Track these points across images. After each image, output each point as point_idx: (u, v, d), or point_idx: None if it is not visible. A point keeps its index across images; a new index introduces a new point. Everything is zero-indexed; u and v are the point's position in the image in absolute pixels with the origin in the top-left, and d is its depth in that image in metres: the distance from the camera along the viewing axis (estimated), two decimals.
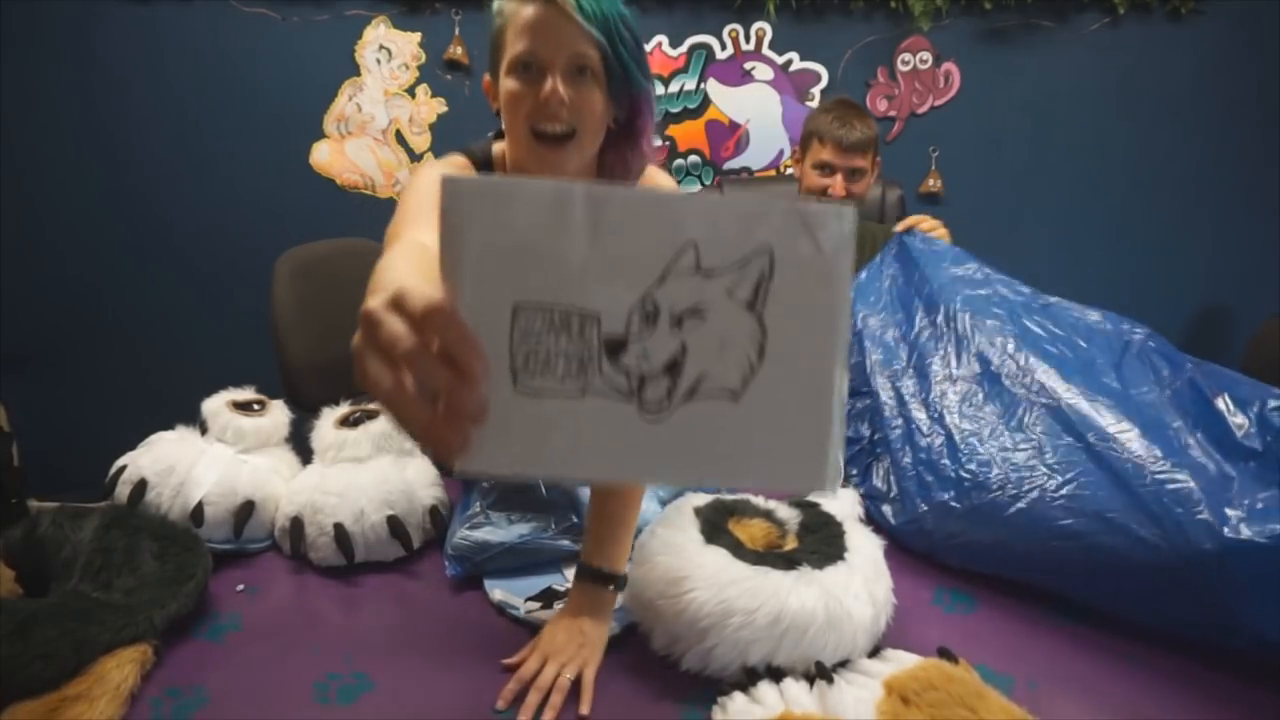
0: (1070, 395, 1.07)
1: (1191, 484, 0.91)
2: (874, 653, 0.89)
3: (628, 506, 0.99)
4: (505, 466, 0.47)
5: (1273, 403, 0.97)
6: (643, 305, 0.46)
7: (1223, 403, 1.01)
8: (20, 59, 2.39)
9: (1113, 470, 0.98)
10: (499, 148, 1.03)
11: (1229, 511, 0.86)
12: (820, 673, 0.83)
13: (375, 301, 0.45)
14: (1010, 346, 1.17)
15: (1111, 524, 0.94)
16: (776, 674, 0.84)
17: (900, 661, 0.86)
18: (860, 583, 0.91)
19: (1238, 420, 0.98)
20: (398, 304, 0.44)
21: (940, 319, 1.26)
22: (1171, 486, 0.92)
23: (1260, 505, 0.86)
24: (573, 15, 0.87)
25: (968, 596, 1.07)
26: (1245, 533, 0.84)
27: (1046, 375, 1.11)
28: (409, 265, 0.68)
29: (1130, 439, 0.99)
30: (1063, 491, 1.00)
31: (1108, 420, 1.02)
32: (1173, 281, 2.66)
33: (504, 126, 0.95)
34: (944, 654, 0.86)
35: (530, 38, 0.88)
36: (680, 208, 0.46)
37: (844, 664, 0.87)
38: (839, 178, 1.70)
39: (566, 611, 0.94)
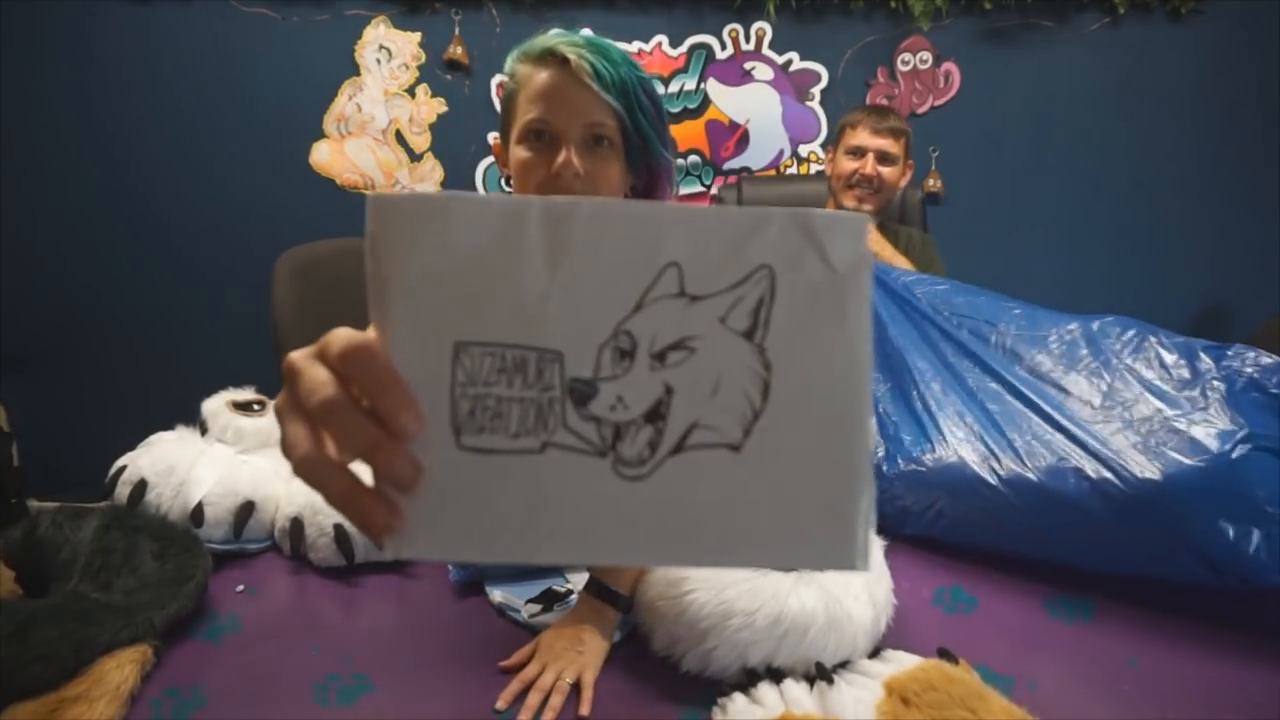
0: (1018, 367, 1.13)
1: (1133, 425, 0.97)
2: (874, 653, 0.89)
3: None
4: (446, 548, 0.38)
5: (1203, 344, 1.05)
6: (615, 340, 0.37)
7: (1156, 343, 1.08)
8: (20, 59, 2.39)
9: (1058, 424, 1.02)
10: None
11: (1168, 450, 0.92)
12: (820, 674, 0.83)
13: (299, 351, 0.38)
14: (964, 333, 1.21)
15: (1063, 472, 0.97)
16: (776, 675, 0.84)
17: (900, 662, 0.86)
18: (861, 584, 0.90)
19: (1169, 357, 1.06)
20: (322, 352, 0.37)
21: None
22: (1113, 429, 0.98)
23: (1192, 434, 0.92)
24: (589, 83, 0.81)
25: (968, 597, 1.07)
26: (1185, 461, 0.89)
27: (991, 354, 1.16)
28: None
29: (1080, 389, 1.06)
30: (1016, 446, 1.03)
31: (1056, 374, 1.09)
32: (1173, 281, 2.66)
33: (518, 188, 0.90)
34: (944, 655, 0.86)
35: (544, 105, 0.83)
36: (658, 222, 0.37)
37: (844, 665, 0.87)
38: (870, 157, 1.70)
39: (569, 620, 0.94)
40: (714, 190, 2.50)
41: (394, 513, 0.36)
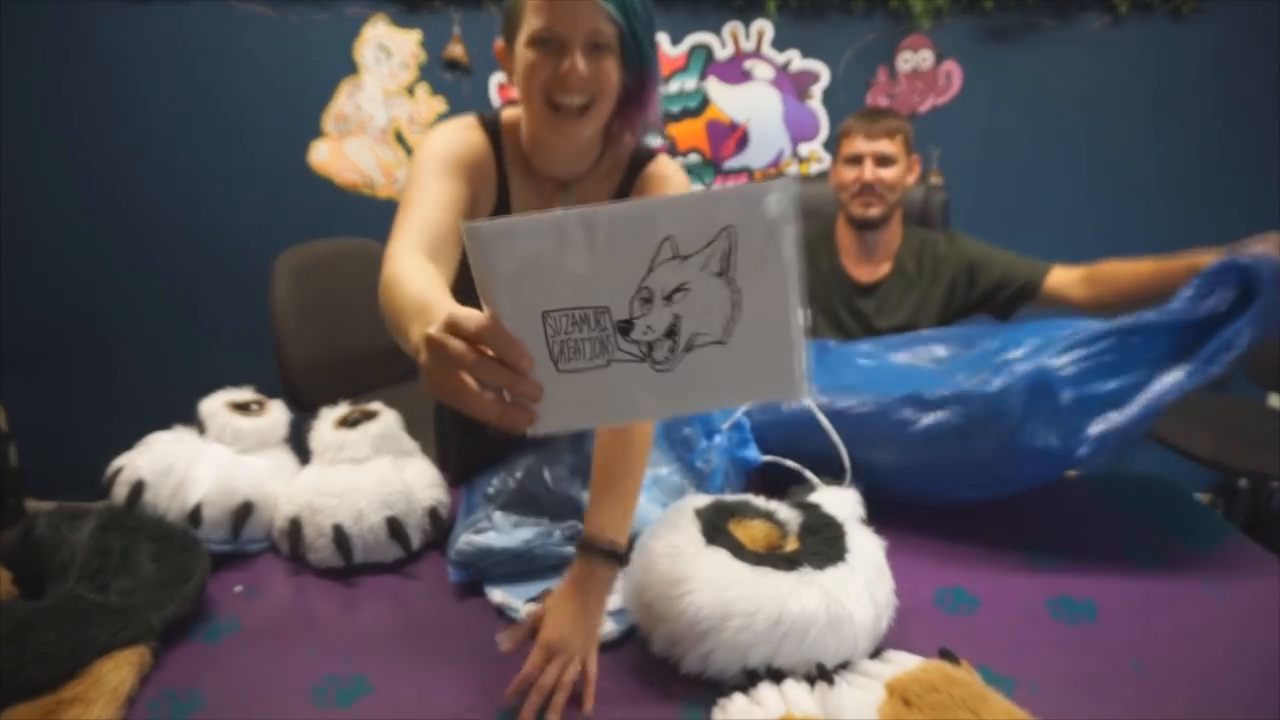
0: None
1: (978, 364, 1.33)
2: (875, 654, 0.89)
3: (629, 471, 0.99)
4: (563, 425, 0.62)
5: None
6: (639, 293, 0.58)
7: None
8: (19, 58, 2.38)
9: (931, 375, 1.37)
10: (509, 116, 1.06)
11: (1004, 376, 1.17)
12: (821, 674, 0.83)
13: (433, 329, 0.57)
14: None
15: (935, 405, 1.19)
16: (777, 675, 0.84)
17: (901, 663, 0.86)
18: (861, 584, 0.90)
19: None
20: (452, 328, 0.57)
21: None
22: (966, 372, 1.31)
23: (1022, 357, 1.26)
24: None
25: (970, 598, 1.07)
26: (1016, 373, 1.16)
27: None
28: (429, 285, 0.75)
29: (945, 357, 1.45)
30: (901, 395, 1.22)
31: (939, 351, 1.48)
32: None
33: (520, 94, 0.97)
34: (946, 655, 0.86)
35: (550, 15, 0.90)
36: (654, 212, 0.57)
37: (845, 665, 0.87)
38: (867, 163, 1.69)
39: (569, 589, 0.93)
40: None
41: (530, 414, 0.59)
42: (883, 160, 1.69)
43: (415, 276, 0.77)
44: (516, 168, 1.07)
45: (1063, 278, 1.67)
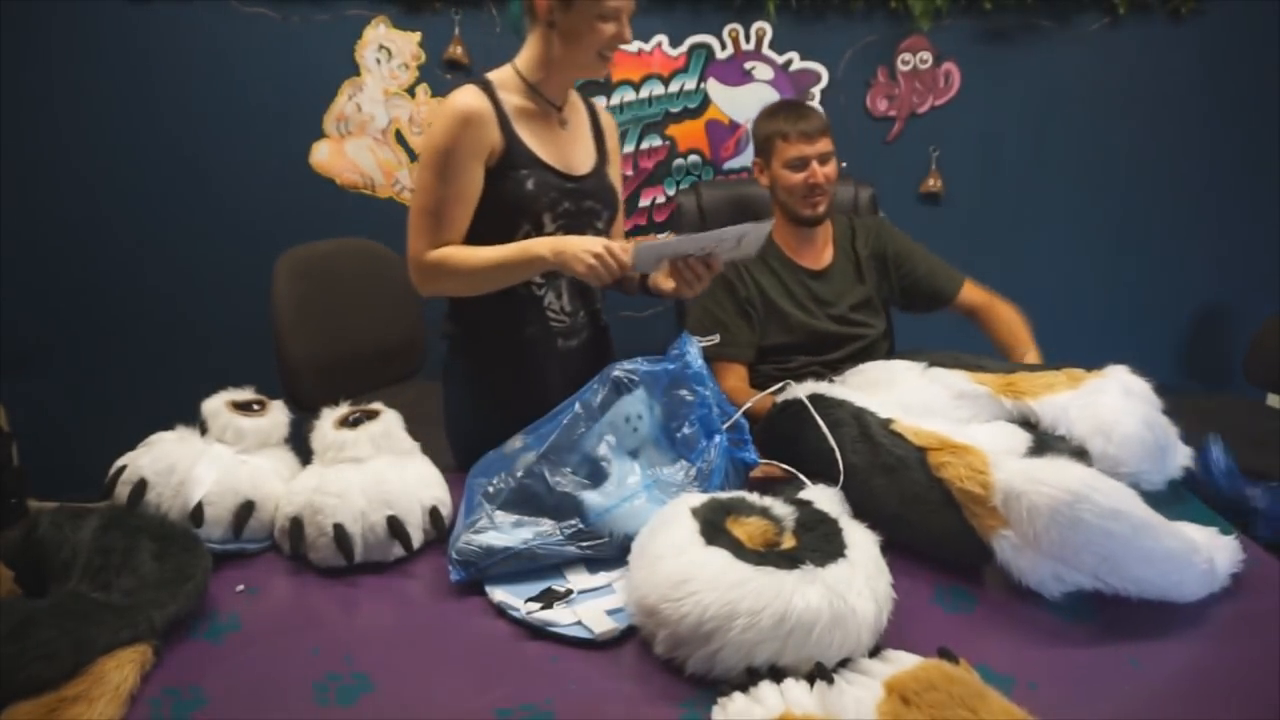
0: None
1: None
2: (874, 652, 0.89)
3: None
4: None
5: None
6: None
7: None
8: (20, 58, 2.38)
9: None
10: (497, 75, 1.41)
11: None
12: (820, 673, 0.83)
13: (599, 248, 1.23)
14: None
15: None
16: (777, 674, 0.84)
17: (900, 662, 0.86)
18: (862, 579, 0.91)
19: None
20: (609, 249, 1.23)
21: None
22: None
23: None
24: None
25: (968, 596, 1.07)
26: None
27: None
28: (492, 249, 1.33)
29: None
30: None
31: None
32: (1173, 281, 2.66)
33: (570, 42, 1.34)
34: (944, 654, 0.86)
35: None
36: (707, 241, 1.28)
37: (844, 664, 0.87)
38: (814, 165, 1.72)
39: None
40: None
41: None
42: (824, 158, 1.72)
43: (481, 248, 1.33)
44: (515, 112, 1.38)
45: (970, 296, 1.86)
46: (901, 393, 1.35)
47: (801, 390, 1.34)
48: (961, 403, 1.34)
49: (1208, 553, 1.04)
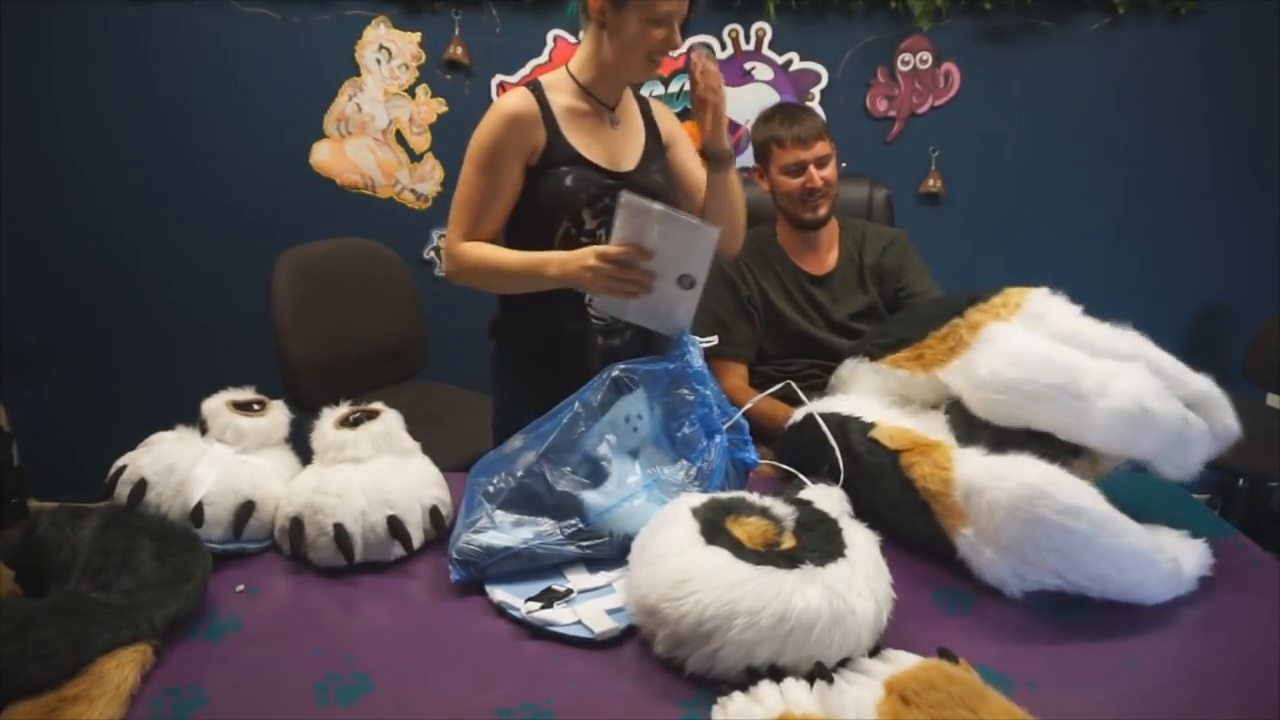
0: None
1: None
2: (874, 652, 0.89)
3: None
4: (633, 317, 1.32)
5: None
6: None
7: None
8: (20, 58, 2.38)
9: None
10: (548, 79, 1.45)
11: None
12: (820, 673, 0.83)
13: (595, 257, 1.23)
14: None
15: None
16: (777, 674, 0.84)
17: (900, 662, 0.86)
18: (862, 579, 0.91)
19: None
20: (602, 256, 1.22)
21: None
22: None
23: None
24: None
25: (968, 596, 1.07)
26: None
27: None
28: (522, 254, 1.39)
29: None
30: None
31: None
32: (1173, 281, 2.66)
33: (621, 46, 1.37)
34: (944, 654, 0.86)
35: (667, 2, 1.33)
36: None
37: (844, 663, 0.87)
38: (811, 169, 1.71)
39: None
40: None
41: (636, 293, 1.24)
42: (821, 161, 1.72)
43: (507, 251, 1.40)
44: (564, 113, 1.43)
45: None
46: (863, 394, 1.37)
47: (809, 407, 1.34)
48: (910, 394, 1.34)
49: (1172, 553, 1.03)
